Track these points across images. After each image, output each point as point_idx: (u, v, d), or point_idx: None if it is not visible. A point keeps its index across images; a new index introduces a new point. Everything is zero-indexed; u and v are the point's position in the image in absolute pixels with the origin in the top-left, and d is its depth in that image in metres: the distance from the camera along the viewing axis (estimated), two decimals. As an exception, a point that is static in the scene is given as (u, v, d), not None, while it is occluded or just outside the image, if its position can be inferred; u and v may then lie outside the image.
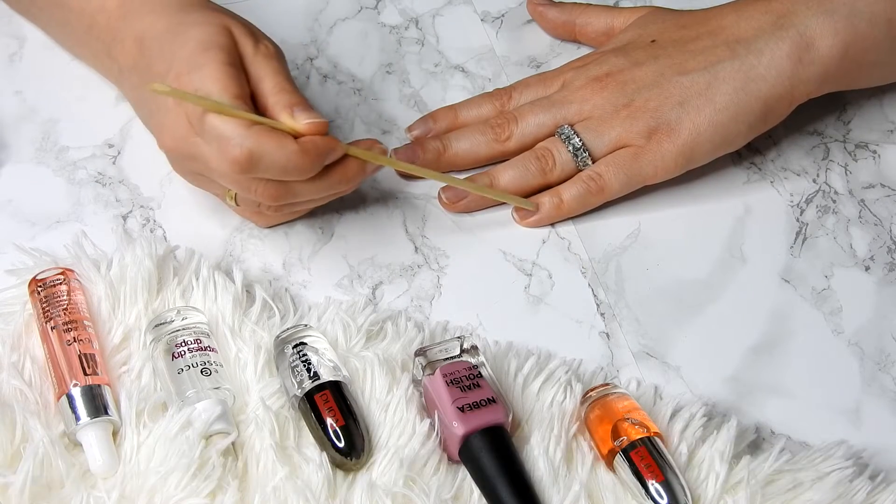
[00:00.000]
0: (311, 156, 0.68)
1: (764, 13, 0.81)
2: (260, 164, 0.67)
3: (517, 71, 0.89)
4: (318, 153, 0.69)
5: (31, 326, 0.71)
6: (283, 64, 0.73)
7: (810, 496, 0.68)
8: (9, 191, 0.79)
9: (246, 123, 0.67)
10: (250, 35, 0.72)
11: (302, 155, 0.68)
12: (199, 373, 0.69)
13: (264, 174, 0.69)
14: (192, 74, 0.69)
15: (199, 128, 0.68)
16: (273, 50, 0.73)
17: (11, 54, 0.86)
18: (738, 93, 0.79)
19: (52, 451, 0.66)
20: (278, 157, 0.67)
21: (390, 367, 0.71)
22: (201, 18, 0.72)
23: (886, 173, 0.85)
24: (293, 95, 0.70)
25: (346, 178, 0.72)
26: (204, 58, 0.69)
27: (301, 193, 0.71)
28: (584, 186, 0.80)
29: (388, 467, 0.67)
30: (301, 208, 0.77)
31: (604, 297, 0.78)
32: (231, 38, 0.71)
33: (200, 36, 0.70)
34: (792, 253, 0.81)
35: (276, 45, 0.74)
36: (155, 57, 0.72)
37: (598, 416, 0.69)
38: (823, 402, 0.74)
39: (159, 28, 0.72)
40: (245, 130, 0.67)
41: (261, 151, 0.67)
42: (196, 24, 0.71)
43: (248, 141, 0.67)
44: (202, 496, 0.65)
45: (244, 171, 0.68)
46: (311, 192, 0.72)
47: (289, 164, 0.68)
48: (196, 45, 0.70)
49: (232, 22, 0.72)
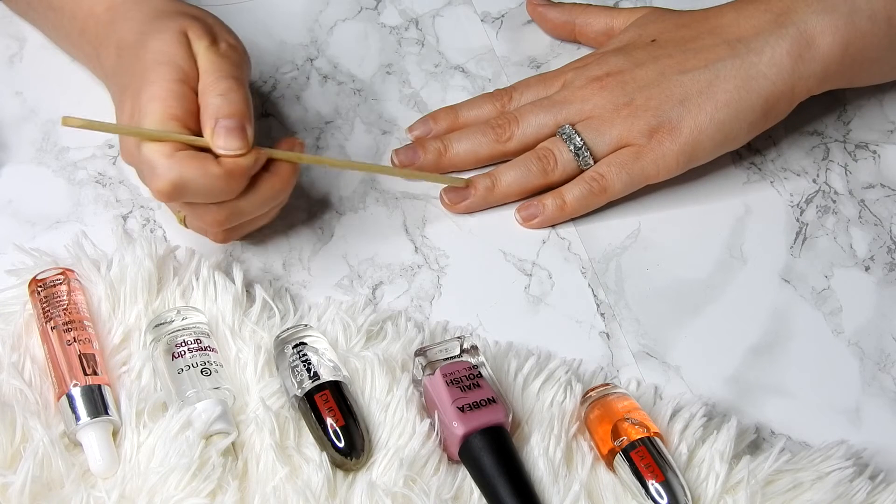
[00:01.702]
0: (235, 176, 0.68)
1: (764, 11, 0.81)
2: (186, 192, 0.68)
3: (517, 71, 0.89)
4: (240, 172, 0.69)
5: (31, 326, 0.71)
6: (235, 64, 0.72)
7: (810, 496, 0.68)
8: (9, 191, 0.79)
9: (169, 152, 0.67)
10: (207, 35, 0.72)
11: (226, 178, 0.68)
12: (199, 373, 0.69)
13: (193, 199, 0.69)
14: (142, 93, 0.69)
15: (136, 154, 0.69)
16: (227, 49, 0.72)
17: (12, 55, 0.86)
18: (739, 91, 0.79)
19: (52, 451, 0.66)
20: (202, 182, 0.67)
21: (390, 367, 0.71)
22: (162, 26, 0.71)
23: (886, 173, 0.85)
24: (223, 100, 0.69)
25: (282, 182, 0.72)
26: (154, 75, 0.69)
27: (245, 211, 0.71)
28: (587, 187, 0.80)
29: (388, 467, 0.67)
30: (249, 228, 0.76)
31: (604, 297, 0.78)
32: (185, 47, 0.71)
33: (156, 48, 0.70)
34: (792, 253, 0.81)
35: (236, 44, 0.73)
36: (125, 67, 0.72)
37: (598, 416, 0.69)
38: (823, 402, 0.74)
39: (131, 39, 0.72)
40: (167, 160, 0.67)
41: (183, 179, 0.67)
42: (156, 34, 0.71)
43: (170, 172, 0.67)
44: (202, 496, 0.65)
45: (171, 199, 0.68)
46: (254, 207, 0.71)
47: (214, 188, 0.68)
48: (150, 60, 0.70)
49: (191, 24, 0.72)
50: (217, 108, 0.69)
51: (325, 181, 0.82)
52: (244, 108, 0.69)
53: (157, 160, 0.67)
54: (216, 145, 0.68)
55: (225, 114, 0.69)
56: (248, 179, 0.70)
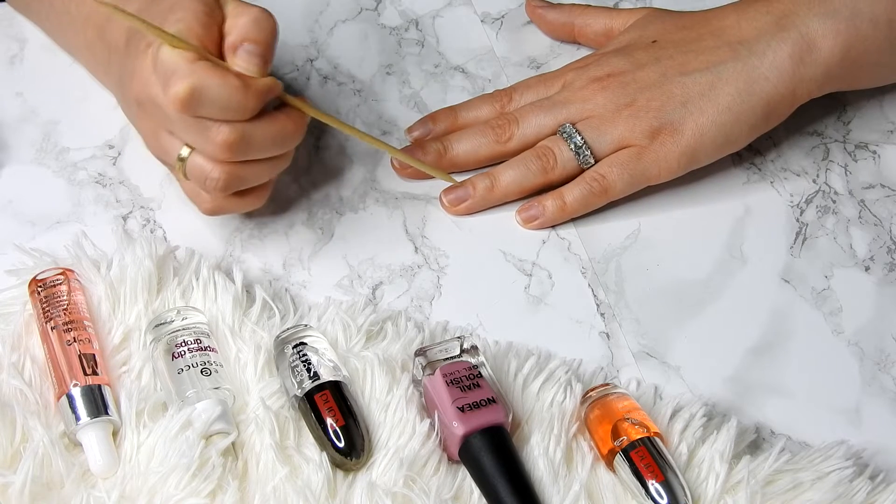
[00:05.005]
0: (252, 91, 0.68)
1: (765, 14, 0.81)
2: (203, 99, 0.67)
3: (517, 72, 0.89)
4: (258, 89, 0.68)
5: (31, 326, 0.71)
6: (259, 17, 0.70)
7: (810, 496, 0.68)
8: (9, 191, 0.80)
9: (191, 58, 0.67)
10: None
11: (244, 90, 0.67)
12: (199, 373, 0.69)
13: (208, 111, 0.68)
14: (168, 17, 0.69)
15: (153, 63, 0.68)
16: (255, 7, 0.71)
17: (12, 56, 0.86)
18: (740, 94, 0.79)
19: (52, 451, 0.66)
20: (221, 92, 0.67)
21: (390, 367, 0.71)
22: None
23: (886, 173, 0.85)
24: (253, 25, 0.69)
25: (294, 125, 0.72)
26: (181, 6, 0.69)
27: (255, 140, 0.70)
28: (588, 187, 0.80)
29: (388, 467, 0.67)
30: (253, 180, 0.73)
31: (604, 297, 0.78)
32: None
33: None
34: (792, 253, 0.81)
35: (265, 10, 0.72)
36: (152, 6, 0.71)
37: (598, 416, 0.69)
38: (823, 402, 0.74)
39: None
40: (189, 65, 0.67)
41: (203, 85, 0.67)
42: None
43: (191, 75, 0.67)
44: (202, 496, 0.65)
45: (187, 106, 0.67)
46: (263, 138, 0.70)
47: (231, 99, 0.67)
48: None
49: None
50: (245, 29, 0.69)
51: (325, 181, 0.82)
52: (270, 40, 0.69)
53: (179, 63, 0.67)
54: (236, 64, 0.68)
55: (252, 38, 0.69)
56: (263, 101, 0.69)
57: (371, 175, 0.82)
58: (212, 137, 0.69)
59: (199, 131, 0.69)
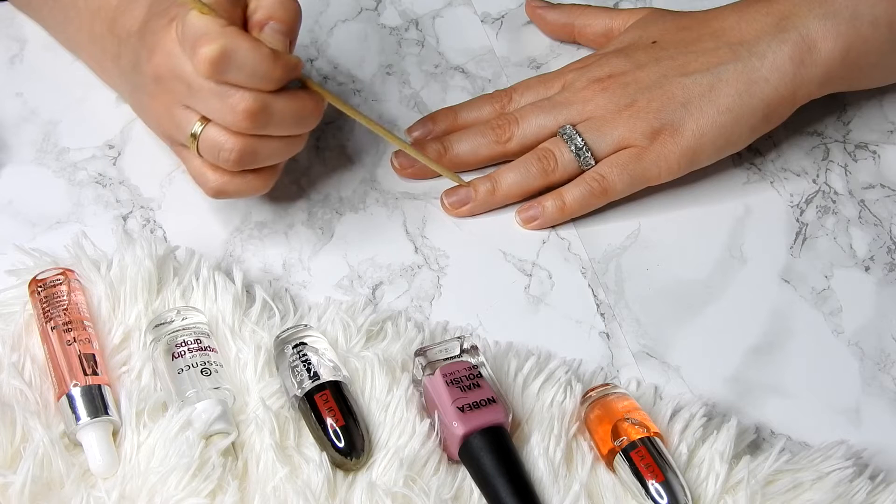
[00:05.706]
0: (281, 62, 0.68)
1: (765, 15, 0.81)
2: (232, 62, 0.67)
3: (517, 72, 0.89)
4: (286, 62, 0.69)
5: (31, 326, 0.71)
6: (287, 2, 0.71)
7: (810, 496, 0.68)
8: (9, 192, 0.80)
9: (222, 22, 0.67)
10: None
11: (273, 59, 0.68)
12: (199, 373, 0.69)
13: (235, 76, 0.68)
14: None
15: (181, 30, 0.68)
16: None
17: (12, 56, 0.86)
18: (741, 95, 0.79)
19: (52, 451, 0.66)
20: (250, 57, 0.67)
21: (390, 367, 0.71)
22: None
23: (886, 173, 0.85)
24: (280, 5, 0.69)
25: (313, 105, 0.72)
26: None
27: (275, 113, 0.70)
28: (588, 188, 0.80)
29: (388, 467, 0.67)
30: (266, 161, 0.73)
31: (604, 297, 0.78)
32: None
33: None
34: (792, 253, 0.81)
35: None
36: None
37: (598, 416, 0.69)
38: (823, 402, 0.74)
39: None
40: (220, 28, 0.67)
41: (234, 48, 0.67)
42: None
43: (222, 37, 0.67)
44: (202, 496, 0.65)
45: (216, 68, 0.67)
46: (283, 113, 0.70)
47: (259, 65, 0.68)
48: None
49: None
50: (272, 8, 0.69)
51: (325, 181, 0.82)
52: (294, 20, 0.70)
53: (210, 26, 0.67)
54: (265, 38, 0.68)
55: (278, 17, 0.69)
56: (288, 76, 0.70)
57: (371, 175, 0.82)
58: (234, 104, 0.69)
59: (221, 98, 0.69)
